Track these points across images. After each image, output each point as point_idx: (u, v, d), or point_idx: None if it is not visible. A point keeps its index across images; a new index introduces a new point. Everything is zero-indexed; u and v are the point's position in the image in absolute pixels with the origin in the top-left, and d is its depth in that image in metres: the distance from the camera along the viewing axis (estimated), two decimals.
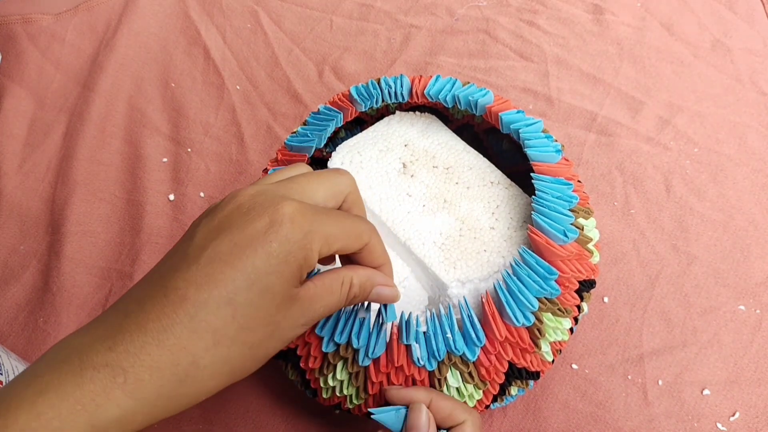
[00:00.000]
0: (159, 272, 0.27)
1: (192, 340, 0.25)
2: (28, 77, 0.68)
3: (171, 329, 0.25)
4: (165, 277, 0.27)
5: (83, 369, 0.24)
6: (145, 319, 0.25)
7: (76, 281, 0.55)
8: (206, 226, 0.28)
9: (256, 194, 0.29)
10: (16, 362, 0.44)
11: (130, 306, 0.26)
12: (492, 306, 0.36)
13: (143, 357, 0.25)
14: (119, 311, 0.26)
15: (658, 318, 0.51)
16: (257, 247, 0.26)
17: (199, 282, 0.26)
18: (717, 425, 0.46)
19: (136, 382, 0.24)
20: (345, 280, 0.31)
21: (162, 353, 0.25)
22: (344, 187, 0.32)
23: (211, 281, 0.26)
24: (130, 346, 0.25)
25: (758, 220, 0.56)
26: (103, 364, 0.24)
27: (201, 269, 0.26)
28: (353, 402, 0.39)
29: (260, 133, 0.64)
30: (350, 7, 0.73)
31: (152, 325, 0.25)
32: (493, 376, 0.37)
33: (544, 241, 0.37)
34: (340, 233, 0.29)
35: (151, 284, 0.27)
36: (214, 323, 0.26)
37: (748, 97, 0.64)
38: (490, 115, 0.44)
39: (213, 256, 0.26)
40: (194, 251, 0.27)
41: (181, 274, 0.26)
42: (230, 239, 0.27)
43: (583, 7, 0.72)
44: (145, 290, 0.27)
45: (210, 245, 0.27)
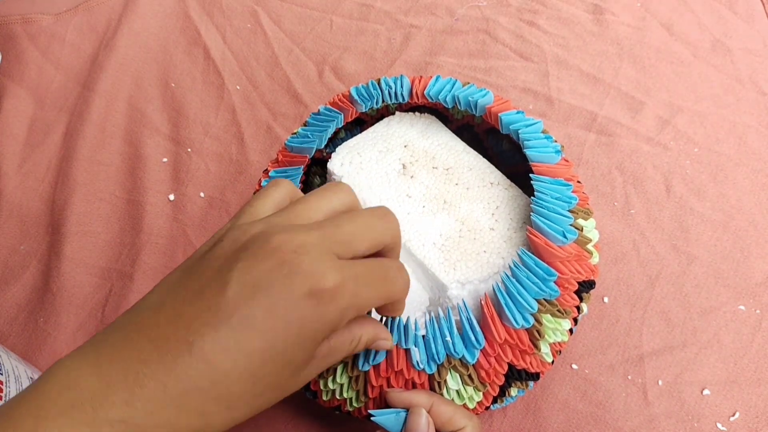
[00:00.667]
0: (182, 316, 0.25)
1: (209, 406, 0.25)
2: (28, 77, 0.68)
3: (191, 394, 0.24)
4: (191, 328, 0.25)
5: (98, 422, 0.23)
6: (166, 377, 0.24)
7: (76, 281, 0.55)
8: (242, 276, 0.26)
9: (301, 251, 0.26)
10: (16, 362, 0.44)
11: (147, 350, 0.25)
12: (491, 308, 0.36)
13: (159, 417, 0.24)
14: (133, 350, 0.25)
15: (658, 318, 0.51)
16: (292, 320, 0.25)
17: (226, 347, 0.25)
18: (717, 425, 0.46)
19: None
20: (355, 339, 0.31)
21: (179, 415, 0.24)
22: (389, 237, 0.30)
23: (240, 350, 0.25)
24: (148, 404, 0.24)
25: (758, 220, 0.56)
26: (119, 419, 0.23)
27: (232, 334, 0.25)
28: (353, 405, 0.39)
29: (260, 133, 0.64)
30: (350, 7, 0.73)
31: (173, 385, 0.24)
32: (493, 378, 0.37)
33: (543, 243, 0.37)
34: (375, 302, 0.29)
35: (174, 329, 0.25)
36: (234, 392, 0.25)
37: (748, 97, 0.64)
38: (489, 116, 0.44)
39: (246, 320, 0.25)
40: (228, 307, 0.25)
41: (210, 333, 0.25)
42: (267, 305, 0.25)
43: (583, 7, 0.72)
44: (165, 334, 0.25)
45: (245, 306, 0.25)
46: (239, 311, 0.25)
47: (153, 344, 0.25)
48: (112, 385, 0.24)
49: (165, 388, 0.24)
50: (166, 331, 0.25)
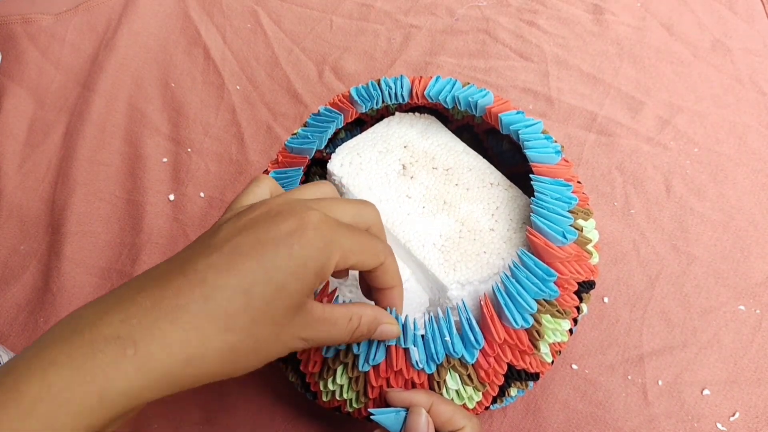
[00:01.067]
0: (178, 258, 0.28)
1: (205, 322, 0.26)
2: (28, 77, 0.68)
3: (186, 308, 0.25)
4: (185, 260, 0.27)
5: (94, 340, 0.24)
6: (160, 295, 0.25)
7: (76, 281, 0.55)
8: (232, 224, 0.29)
9: (285, 203, 0.30)
10: None
11: (146, 282, 0.26)
12: (490, 308, 0.36)
13: (155, 331, 0.25)
14: (132, 287, 0.27)
15: (658, 318, 0.51)
16: (279, 246, 0.27)
17: (219, 267, 0.26)
18: (717, 425, 0.46)
19: (146, 356, 0.24)
20: (354, 318, 0.32)
21: (174, 330, 0.25)
22: (369, 218, 0.33)
23: (231, 269, 0.26)
24: (143, 319, 0.25)
25: (758, 220, 0.56)
26: (115, 335, 0.24)
27: (222, 257, 0.27)
28: (353, 406, 0.39)
29: (260, 133, 0.64)
30: (350, 7, 0.73)
31: (167, 302, 0.25)
32: (492, 378, 0.37)
33: (543, 243, 0.37)
34: (358, 249, 0.30)
35: (170, 266, 0.27)
36: (228, 309, 0.26)
37: (748, 97, 0.64)
38: (489, 116, 0.44)
39: (235, 247, 0.27)
40: (217, 242, 0.27)
41: (202, 259, 0.27)
42: (254, 235, 0.27)
43: (583, 7, 0.72)
44: (162, 271, 0.27)
45: (234, 239, 0.27)
46: (229, 243, 0.27)
47: (150, 278, 0.27)
48: (110, 311, 0.25)
49: (160, 305, 0.25)
50: (163, 269, 0.27)
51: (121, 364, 0.24)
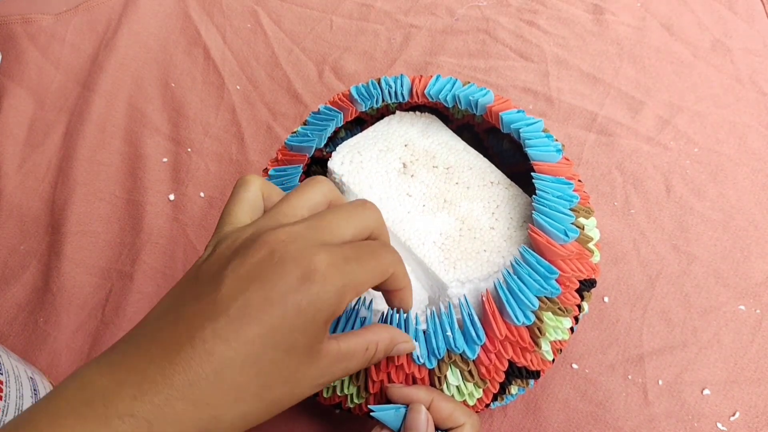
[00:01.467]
0: (183, 315, 0.27)
1: (216, 397, 0.25)
2: (28, 77, 0.68)
3: (197, 385, 0.25)
4: (192, 325, 0.26)
5: (108, 417, 0.24)
6: (171, 370, 0.25)
7: (76, 281, 0.55)
8: (235, 272, 0.27)
9: (288, 240, 0.28)
10: (16, 362, 0.44)
11: (154, 349, 0.26)
12: (492, 305, 0.36)
13: (167, 410, 0.24)
14: (141, 353, 0.26)
15: (658, 318, 0.51)
16: (287, 304, 0.26)
17: (227, 337, 0.25)
18: (717, 425, 0.46)
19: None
20: (370, 347, 0.31)
21: (186, 408, 0.25)
22: (371, 222, 0.32)
23: (239, 338, 0.26)
24: (155, 397, 0.24)
25: (758, 220, 0.56)
26: (129, 413, 0.24)
27: (230, 323, 0.26)
28: (354, 401, 0.39)
29: (260, 133, 0.64)
30: (350, 7, 0.73)
31: (178, 378, 0.25)
32: (493, 374, 0.37)
33: (545, 240, 0.37)
34: (369, 279, 0.29)
35: (176, 328, 0.26)
36: (238, 381, 0.26)
37: (748, 97, 0.64)
38: (490, 115, 0.44)
39: (243, 309, 0.26)
40: (224, 300, 0.26)
41: (210, 325, 0.26)
42: (262, 293, 0.26)
43: (583, 7, 0.72)
44: (169, 334, 0.26)
45: (240, 297, 0.26)
46: (235, 303, 0.26)
47: (158, 344, 0.26)
48: (121, 383, 0.25)
49: (171, 382, 0.25)
50: (169, 331, 0.26)
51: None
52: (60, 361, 0.51)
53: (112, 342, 0.51)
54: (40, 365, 0.51)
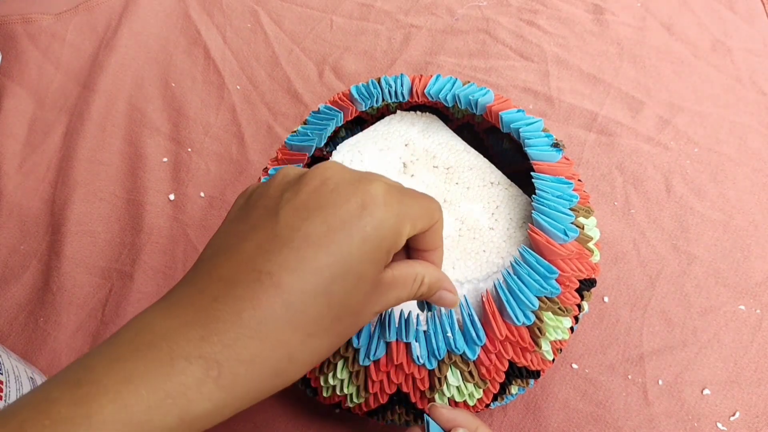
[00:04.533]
0: (242, 250, 0.25)
1: (289, 332, 0.24)
2: (28, 77, 0.68)
3: (269, 321, 0.23)
4: (253, 259, 0.25)
5: (173, 359, 0.22)
6: (239, 307, 0.23)
7: (77, 281, 0.55)
8: (290, 202, 0.26)
9: (340, 170, 0.27)
10: (16, 362, 0.44)
11: (216, 287, 0.24)
12: (492, 305, 0.36)
13: (239, 350, 0.23)
14: (204, 292, 0.24)
15: (658, 318, 0.51)
16: (352, 231, 0.25)
17: (293, 267, 0.24)
18: (717, 425, 0.46)
19: (231, 376, 0.23)
20: (418, 277, 0.30)
21: (259, 347, 0.23)
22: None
23: (306, 267, 0.24)
24: (225, 336, 0.23)
25: (758, 220, 0.56)
26: (196, 354, 0.22)
27: (294, 253, 0.24)
28: (353, 401, 0.39)
29: (260, 132, 0.64)
30: (350, 7, 0.73)
31: (248, 314, 0.23)
32: (494, 375, 0.37)
33: (545, 240, 0.37)
34: (423, 214, 0.28)
35: (238, 264, 0.25)
36: (310, 314, 0.24)
37: (748, 97, 0.64)
38: (490, 115, 0.44)
39: (306, 238, 0.25)
40: (284, 231, 0.25)
41: (273, 257, 0.24)
42: (322, 221, 0.25)
43: (583, 7, 0.72)
44: (231, 270, 0.25)
45: (302, 226, 0.25)
46: (297, 233, 0.25)
47: (220, 282, 0.24)
48: (186, 324, 0.23)
49: (239, 320, 0.23)
50: (229, 268, 0.25)
51: (204, 386, 0.22)
52: (60, 361, 0.51)
53: None
54: (40, 365, 0.51)
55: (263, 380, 0.24)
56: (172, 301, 0.25)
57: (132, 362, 0.22)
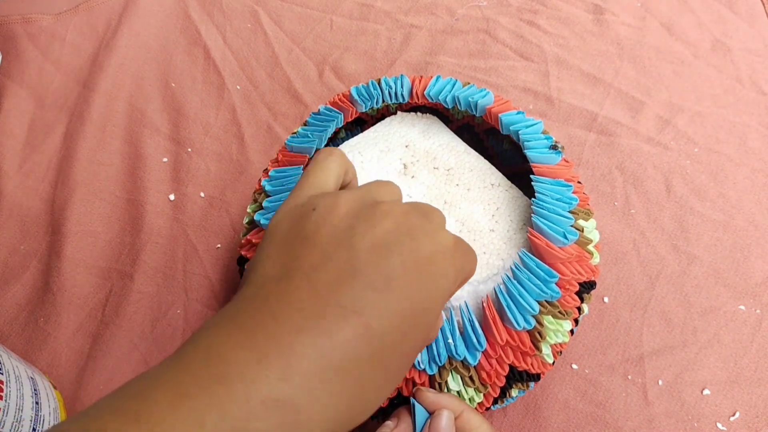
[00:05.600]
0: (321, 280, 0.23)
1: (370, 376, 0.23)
2: (28, 77, 0.68)
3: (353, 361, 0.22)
4: (335, 292, 0.23)
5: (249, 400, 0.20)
6: (325, 346, 0.21)
7: (77, 281, 0.55)
8: (366, 236, 0.25)
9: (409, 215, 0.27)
10: (17, 362, 0.44)
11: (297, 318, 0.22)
12: (493, 310, 0.36)
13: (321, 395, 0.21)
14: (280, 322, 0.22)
15: (658, 318, 0.51)
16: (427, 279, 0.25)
17: (381, 310, 0.23)
18: (717, 425, 0.46)
19: (308, 422, 0.21)
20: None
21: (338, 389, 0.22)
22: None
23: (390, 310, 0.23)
24: (308, 380, 0.21)
25: (758, 220, 0.56)
26: (274, 399, 0.20)
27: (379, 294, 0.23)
28: None
29: (260, 133, 0.64)
30: (350, 7, 0.73)
31: (338, 354, 0.22)
32: (494, 379, 0.37)
33: (544, 244, 0.37)
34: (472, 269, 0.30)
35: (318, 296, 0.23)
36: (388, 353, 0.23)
37: (748, 97, 0.64)
38: (490, 116, 0.44)
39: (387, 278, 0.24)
40: (365, 267, 0.24)
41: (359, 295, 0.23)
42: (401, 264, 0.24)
43: (584, 7, 0.72)
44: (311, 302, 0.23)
45: (382, 263, 0.24)
46: (378, 272, 0.24)
47: (302, 313, 0.22)
48: (266, 358, 0.21)
49: (325, 359, 0.21)
50: (310, 299, 0.23)
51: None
52: (60, 361, 0.51)
53: (112, 342, 0.51)
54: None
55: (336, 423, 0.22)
56: (242, 325, 0.22)
57: (201, 400, 0.19)
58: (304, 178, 0.30)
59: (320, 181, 0.29)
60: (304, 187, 0.29)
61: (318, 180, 0.29)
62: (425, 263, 0.25)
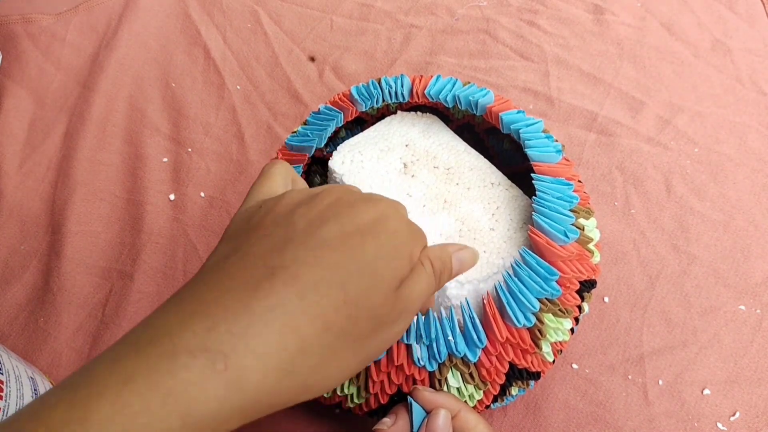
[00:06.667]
0: (254, 252, 0.25)
1: (303, 321, 0.23)
2: (28, 77, 0.68)
3: (281, 308, 0.22)
4: (267, 256, 0.24)
5: (176, 353, 0.21)
6: (249, 296, 0.22)
7: (77, 281, 0.55)
8: (305, 214, 0.26)
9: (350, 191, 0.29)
10: (17, 362, 0.44)
11: (227, 282, 0.23)
12: (493, 307, 0.36)
13: (248, 340, 0.21)
14: (212, 287, 0.23)
15: (659, 318, 0.51)
16: (366, 236, 0.26)
17: (309, 262, 0.24)
18: (717, 425, 0.46)
19: (239, 369, 0.21)
20: (424, 261, 0.29)
21: (270, 335, 0.22)
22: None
23: (322, 263, 0.24)
24: (233, 326, 0.21)
25: (758, 220, 0.56)
26: (201, 348, 0.21)
27: (309, 251, 0.24)
28: (354, 401, 0.39)
29: (260, 133, 0.64)
30: (350, 7, 0.73)
31: (258, 303, 0.22)
32: (494, 376, 0.37)
33: (545, 242, 0.37)
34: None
35: (249, 263, 0.24)
36: (325, 306, 0.23)
37: (748, 97, 0.64)
38: (490, 115, 0.44)
39: (322, 240, 0.25)
40: (300, 235, 0.25)
41: (289, 254, 0.24)
42: (338, 227, 0.25)
43: (584, 7, 0.72)
44: (242, 269, 0.24)
45: (317, 231, 0.25)
46: (313, 236, 0.25)
47: (234, 279, 0.23)
48: (193, 315, 0.22)
49: (250, 309, 0.22)
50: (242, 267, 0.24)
51: (209, 381, 0.21)
52: (60, 361, 0.51)
53: (112, 342, 0.51)
54: (41, 365, 0.51)
55: (272, 375, 0.22)
56: (178, 299, 0.24)
57: (132, 360, 0.21)
58: (252, 188, 0.31)
59: (266, 188, 0.31)
60: (252, 194, 0.31)
61: (264, 188, 0.31)
62: (366, 225, 0.26)
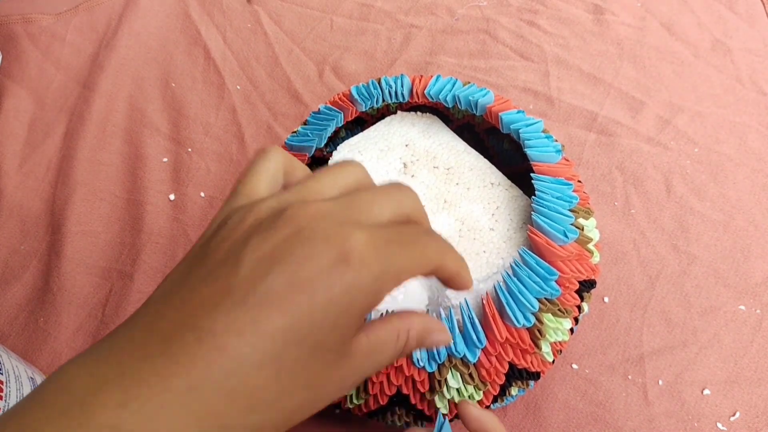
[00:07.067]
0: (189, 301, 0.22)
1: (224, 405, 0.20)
2: (28, 77, 0.68)
3: (201, 389, 0.20)
4: (199, 314, 0.21)
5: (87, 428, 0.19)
6: (170, 370, 0.20)
7: (77, 281, 0.55)
8: (255, 252, 0.22)
9: (319, 217, 0.23)
10: (17, 362, 0.44)
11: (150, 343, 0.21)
12: (492, 307, 0.36)
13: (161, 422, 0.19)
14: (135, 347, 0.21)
15: (659, 318, 0.51)
16: (317, 291, 0.21)
17: (242, 330, 0.21)
18: (717, 425, 0.46)
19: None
20: (401, 335, 0.26)
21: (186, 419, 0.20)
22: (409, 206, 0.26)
23: (257, 330, 0.21)
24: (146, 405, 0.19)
25: (758, 220, 0.56)
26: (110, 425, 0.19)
27: (247, 313, 0.21)
28: (353, 402, 0.39)
29: (260, 133, 0.64)
30: (350, 7, 0.73)
31: (178, 380, 0.20)
32: (494, 377, 0.37)
33: (544, 242, 0.37)
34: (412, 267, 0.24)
35: (180, 317, 0.21)
36: (253, 385, 0.21)
37: (748, 97, 0.64)
38: (490, 115, 0.44)
39: (263, 296, 0.21)
40: (241, 286, 0.21)
41: (221, 317, 0.21)
42: (286, 277, 0.21)
43: (584, 7, 0.72)
44: (170, 323, 0.21)
45: (261, 282, 0.21)
46: (254, 289, 0.21)
47: (156, 337, 0.21)
48: (107, 382, 0.20)
49: (168, 385, 0.20)
50: (171, 321, 0.21)
51: None
52: (60, 361, 0.51)
53: None
54: (41, 365, 0.51)
55: None
56: (100, 354, 0.21)
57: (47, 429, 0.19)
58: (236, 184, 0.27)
59: (248, 189, 0.26)
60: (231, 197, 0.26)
61: (246, 188, 0.26)
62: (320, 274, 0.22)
